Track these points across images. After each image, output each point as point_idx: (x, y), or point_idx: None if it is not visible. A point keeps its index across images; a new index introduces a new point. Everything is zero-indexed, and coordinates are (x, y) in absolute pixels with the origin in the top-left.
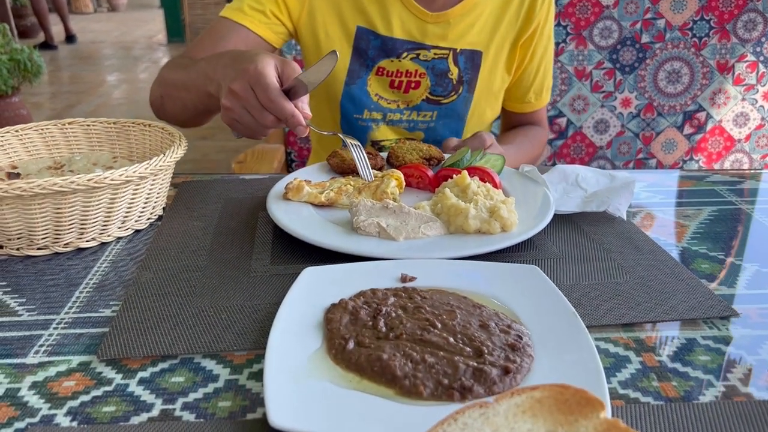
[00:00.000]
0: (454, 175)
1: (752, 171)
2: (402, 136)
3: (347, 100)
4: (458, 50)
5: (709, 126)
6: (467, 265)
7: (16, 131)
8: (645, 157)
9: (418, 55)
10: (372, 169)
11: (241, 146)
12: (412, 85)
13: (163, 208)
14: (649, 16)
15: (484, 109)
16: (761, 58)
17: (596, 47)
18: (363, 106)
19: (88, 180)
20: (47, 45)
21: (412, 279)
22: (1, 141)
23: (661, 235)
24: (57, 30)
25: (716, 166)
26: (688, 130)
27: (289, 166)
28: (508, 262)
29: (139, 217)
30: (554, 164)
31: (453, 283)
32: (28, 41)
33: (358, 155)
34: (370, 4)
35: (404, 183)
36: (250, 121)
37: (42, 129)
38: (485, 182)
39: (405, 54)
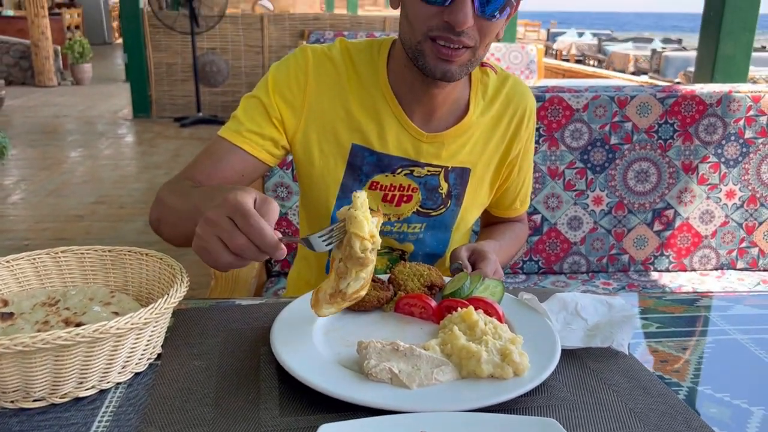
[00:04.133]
0: (459, 308)
1: (738, 293)
2: (391, 247)
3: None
4: (449, 168)
5: (678, 223)
6: (487, 420)
7: (7, 261)
8: (618, 252)
9: (412, 171)
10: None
11: None
12: (404, 198)
13: (162, 345)
14: (616, 119)
15: (468, 219)
16: (722, 159)
17: (568, 148)
18: None
19: (93, 331)
20: None
21: None
22: None
23: (665, 373)
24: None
25: (685, 262)
26: (657, 226)
27: (269, 262)
28: (521, 407)
29: (140, 359)
30: (536, 265)
31: None
32: None
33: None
34: (367, 122)
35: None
36: (220, 248)
37: (34, 259)
38: (490, 315)
39: (399, 170)
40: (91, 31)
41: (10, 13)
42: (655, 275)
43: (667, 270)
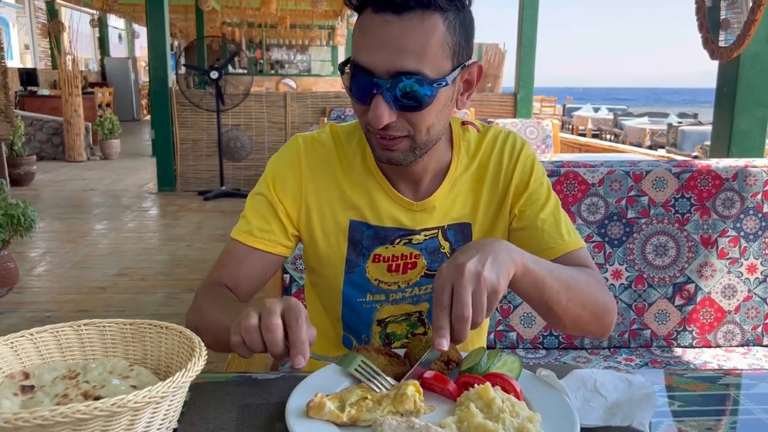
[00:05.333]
0: (476, 384)
1: (764, 370)
2: (407, 311)
3: (349, 287)
4: (446, 226)
5: (699, 297)
6: None
7: (31, 334)
8: (639, 327)
9: (411, 240)
10: (396, 377)
11: None
12: (409, 266)
13: (178, 421)
14: (633, 193)
15: None
16: (742, 234)
17: (585, 222)
18: (365, 291)
19: (111, 404)
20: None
21: None
22: (15, 345)
23: None
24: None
25: (709, 338)
26: (679, 301)
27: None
28: None
29: None
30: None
31: None
32: (20, 189)
33: (367, 374)
34: (359, 199)
35: (421, 391)
36: (257, 341)
37: (57, 332)
38: (507, 392)
39: (397, 240)
40: (121, 108)
41: (46, 92)
42: (678, 351)
43: (691, 346)
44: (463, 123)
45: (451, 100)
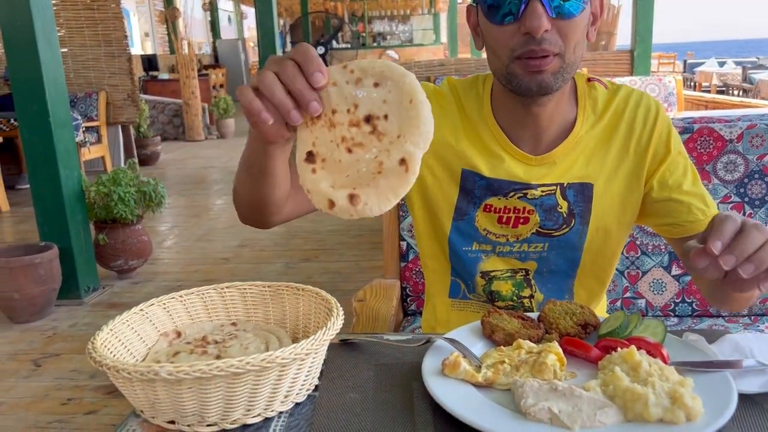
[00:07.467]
0: (620, 348)
1: None
2: (513, 267)
3: (456, 234)
4: (566, 184)
5: None
6: None
7: (181, 296)
8: None
9: (526, 194)
10: (530, 340)
11: (342, 269)
12: (521, 220)
13: (318, 377)
14: None
15: (605, 240)
16: None
17: (721, 181)
18: (472, 240)
19: (261, 360)
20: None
21: None
22: (167, 306)
23: None
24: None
25: None
26: None
27: (405, 301)
28: None
29: (300, 390)
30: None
31: None
32: (147, 168)
33: (462, 350)
34: (474, 150)
35: (564, 360)
36: (281, 95)
37: (203, 294)
38: (653, 356)
39: (512, 193)
40: (233, 88)
41: (166, 76)
42: None
43: None
44: (589, 79)
45: (586, 25)
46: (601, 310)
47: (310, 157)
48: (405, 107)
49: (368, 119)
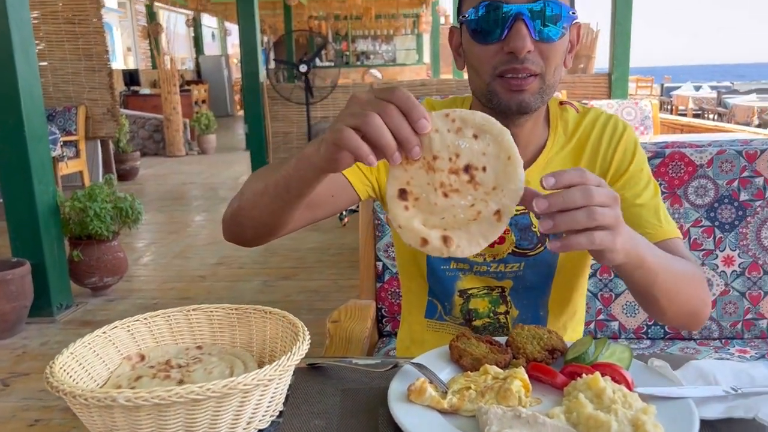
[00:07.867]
0: (584, 374)
1: None
2: (489, 284)
3: None
4: None
5: None
6: None
7: (145, 319)
8: (754, 317)
9: None
10: (498, 365)
11: (320, 287)
12: (497, 240)
13: (284, 403)
14: (745, 174)
15: (576, 257)
16: None
17: (692, 205)
18: (450, 258)
19: (223, 386)
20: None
21: None
22: (131, 329)
23: None
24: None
25: None
26: None
27: (380, 322)
28: None
29: (263, 416)
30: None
31: None
32: (126, 183)
33: (429, 375)
34: None
35: (530, 386)
36: (389, 139)
37: (168, 316)
38: (618, 383)
39: None
40: (216, 104)
41: (147, 91)
42: None
43: None
44: (561, 103)
45: (565, 50)
46: (579, 323)
47: (403, 194)
48: (503, 162)
49: (467, 169)
